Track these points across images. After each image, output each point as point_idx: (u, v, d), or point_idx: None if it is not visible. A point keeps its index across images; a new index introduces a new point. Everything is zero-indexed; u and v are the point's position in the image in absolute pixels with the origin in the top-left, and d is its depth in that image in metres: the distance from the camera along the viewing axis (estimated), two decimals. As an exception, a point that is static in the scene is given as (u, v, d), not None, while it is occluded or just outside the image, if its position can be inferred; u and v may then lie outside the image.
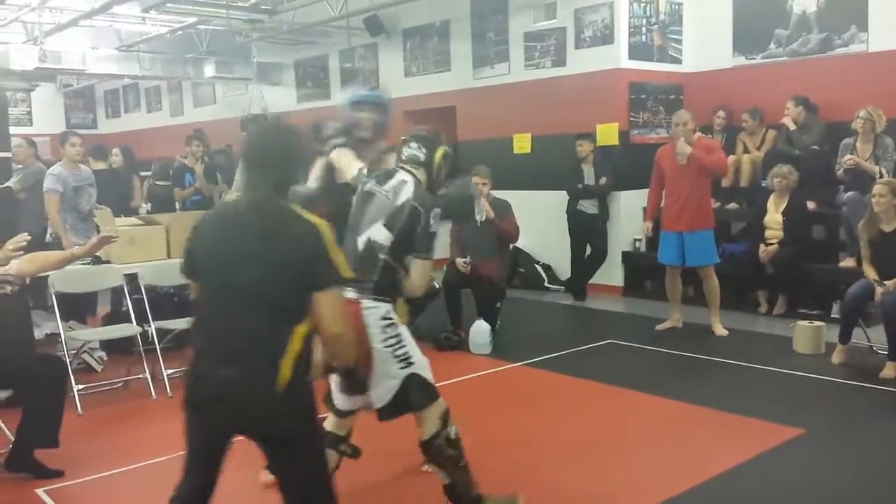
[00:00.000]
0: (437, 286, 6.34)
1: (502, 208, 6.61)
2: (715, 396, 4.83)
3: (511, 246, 7.14)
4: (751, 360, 5.59)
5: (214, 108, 13.78)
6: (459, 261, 6.44)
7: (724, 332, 6.35)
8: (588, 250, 8.24)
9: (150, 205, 9.09)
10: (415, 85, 10.29)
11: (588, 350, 6.17)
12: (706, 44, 8.60)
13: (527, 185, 8.43)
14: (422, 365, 3.11)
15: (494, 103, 9.34)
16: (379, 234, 3.06)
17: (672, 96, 8.62)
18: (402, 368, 3.04)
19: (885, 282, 5.18)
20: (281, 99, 12.29)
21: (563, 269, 8.65)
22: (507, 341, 6.38)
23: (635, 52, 8.26)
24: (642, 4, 8.27)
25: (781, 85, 7.79)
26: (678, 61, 8.67)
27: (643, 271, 8.23)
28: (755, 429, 4.28)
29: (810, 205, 7.09)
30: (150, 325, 5.37)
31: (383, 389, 3.04)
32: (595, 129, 8.27)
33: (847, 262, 6.57)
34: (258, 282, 2.32)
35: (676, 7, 8.62)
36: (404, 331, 3.09)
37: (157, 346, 5.31)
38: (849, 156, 6.74)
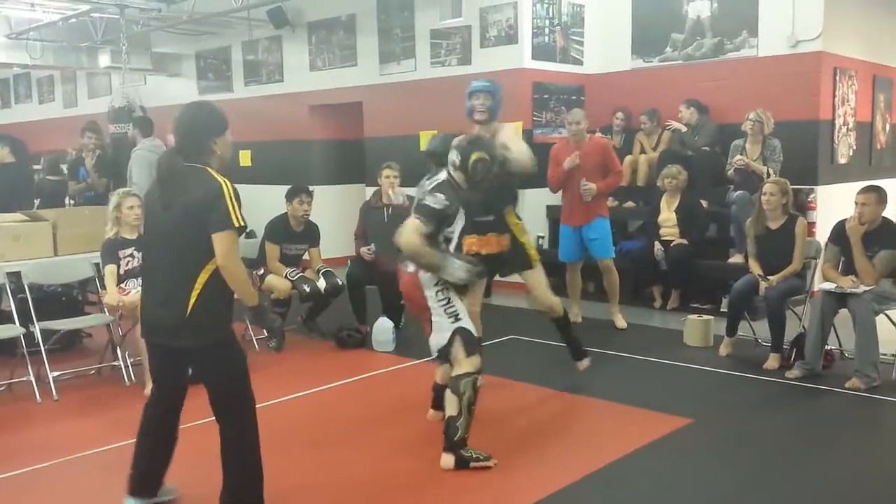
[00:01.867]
0: (341, 283, 6.30)
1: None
2: (610, 388, 4.97)
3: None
4: (644, 352, 5.77)
5: (111, 99, 13.24)
6: (363, 249, 6.41)
7: (624, 325, 6.54)
8: (493, 247, 8.32)
9: (38, 200, 8.65)
10: (320, 79, 10.18)
11: (491, 346, 6.18)
12: (606, 46, 8.82)
13: (433, 183, 8.46)
14: (468, 321, 3.82)
15: (401, 100, 9.32)
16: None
17: (574, 97, 8.80)
18: (452, 323, 3.77)
19: (769, 277, 5.43)
20: (181, 90, 11.93)
21: (469, 266, 8.71)
22: (410, 338, 6.36)
23: (538, 52, 8.40)
24: (545, 5, 8.41)
25: (677, 87, 8.07)
26: (580, 63, 8.86)
27: (546, 268, 8.28)
28: (646, 419, 4.43)
29: (703, 203, 7.37)
30: (34, 326, 5.12)
31: (438, 338, 3.82)
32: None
33: (736, 259, 6.87)
34: (172, 231, 3.02)
35: (578, 9, 8.80)
36: (454, 295, 3.80)
37: (43, 348, 5.08)
38: (739, 156, 7.03)
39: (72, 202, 8.17)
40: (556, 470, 3.78)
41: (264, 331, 3.07)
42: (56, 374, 5.07)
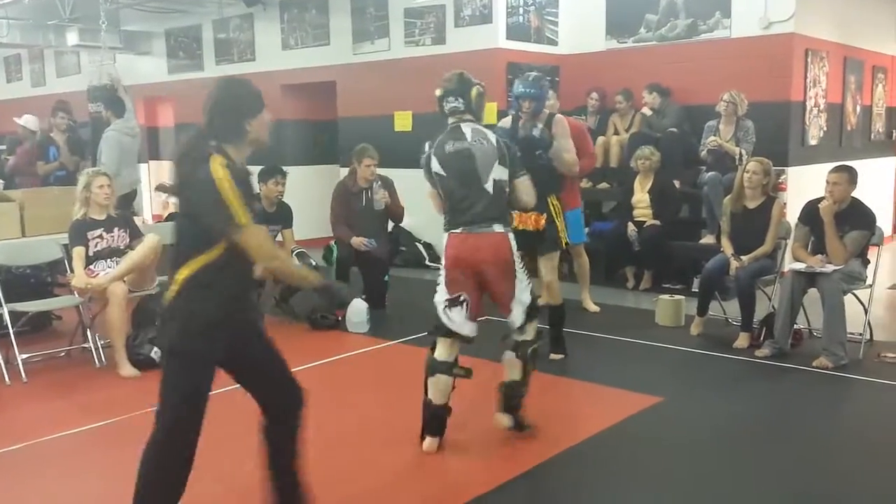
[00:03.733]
0: (314, 263, 6.26)
1: (388, 185, 6.66)
2: (582, 368, 5.01)
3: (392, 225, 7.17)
4: (617, 332, 5.81)
5: (80, 77, 13.03)
6: (359, 240, 6.41)
7: (596, 309, 6.54)
8: (468, 228, 8.32)
9: (1, 182, 8.50)
10: (293, 58, 10.07)
11: (465, 326, 6.23)
12: (581, 27, 8.80)
13: (408, 164, 8.31)
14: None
15: (375, 79, 9.26)
16: (499, 172, 3.68)
17: (549, 78, 8.75)
18: (528, 285, 3.77)
19: (742, 256, 5.48)
20: (151, 69, 11.76)
21: (444, 247, 8.71)
22: (386, 319, 6.39)
23: (513, 32, 8.36)
24: (520, -15, 8.38)
25: (651, 68, 8.09)
26: (554, 43, 8.84)
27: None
28: (618, 398, 4.47)
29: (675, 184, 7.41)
30: (3, 308, 5.05)
31: (522, 306, 3.73)
32: (474, 107, 8.33)
33: (707, 239, 6.92)
34: (178, 217, 2.84)
35: (553, -11, 8.78)
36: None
37: (11, 330, 5.01)
38: (712, 137, 7.07)
39: (41, 182, 8.01)
40: (528, 448, 3.81)
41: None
42: (25, 356, 5.01)
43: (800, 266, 5.16)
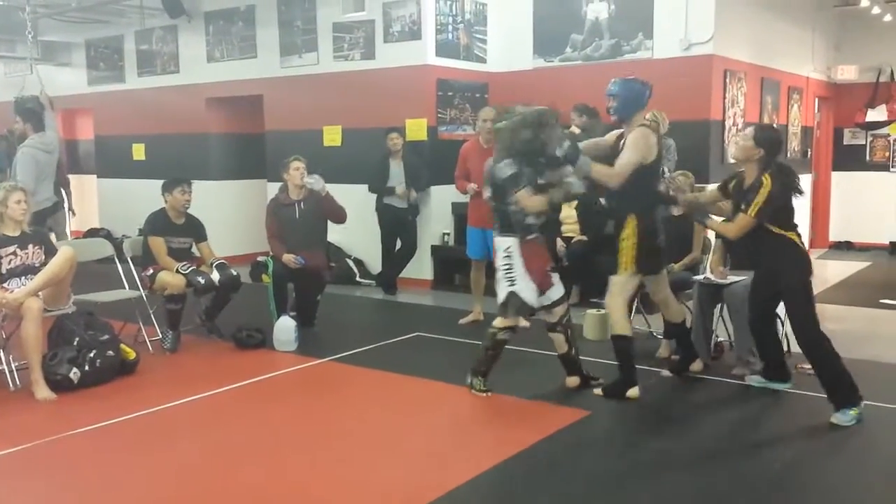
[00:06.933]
0: (235, 273, 6.13)
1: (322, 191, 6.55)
2: (509, 383, 5.01)
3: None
4: (544, 347, 5.81)
5: (19, 89, 12.55)
6: (289, 257, 6.25)
7: (527, 325, 6.58)
8: (398, 244, 8.31)
9: None
10: (218, 71, 9.92)
11: (395, 343, 6.21)
12: (509, 45, 8.93)
13: (337, 179, 8.33)
14: (523, 289, 4.60)
15: (303, 93, 9.19)
16: (486, 191, 4.85)
17: (478, 94, 8.88)
18: (507, 286, 4.60)
19: (673, 265, 5.59)
20: (70, 81, 11.40)
21: (375, 264, 8.67)
22: (315, 337, 6.31)
23: (442, 49, 8.42)
24: (448, 2, 8.44)
25: (577, 87, 8.21)
26: (483, 60, 8.93)
27: (452, 265, 8.41)
28: (547, 412, 4.52)
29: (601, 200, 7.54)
30: None
31: (499, 294, 4.68)
32: (404, 123, 8.35)
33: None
34: None
35: (481, 7, 8.88)
36: (518, 262, 4.58)
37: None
38: (635, 155, 7.22)
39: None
40: (459, 465, 3.80)
41: None
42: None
43: (700, 277, 5.35)
